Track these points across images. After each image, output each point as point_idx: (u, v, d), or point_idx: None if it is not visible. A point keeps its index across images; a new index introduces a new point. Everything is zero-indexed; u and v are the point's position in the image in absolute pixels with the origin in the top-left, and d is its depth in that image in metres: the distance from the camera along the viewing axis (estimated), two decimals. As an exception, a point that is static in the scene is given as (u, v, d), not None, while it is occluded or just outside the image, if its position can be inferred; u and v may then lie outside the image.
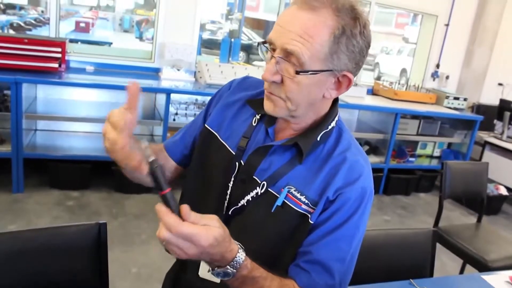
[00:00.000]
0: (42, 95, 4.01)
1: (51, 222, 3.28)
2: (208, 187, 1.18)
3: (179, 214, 0.84)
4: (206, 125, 1.22)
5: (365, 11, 1.00)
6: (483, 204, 2.94)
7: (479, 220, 3.00)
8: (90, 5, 11.80)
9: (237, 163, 1.13)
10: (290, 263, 1.06)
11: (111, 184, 3.94)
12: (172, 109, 4.02)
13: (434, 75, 5.64)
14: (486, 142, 5.27)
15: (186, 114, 4.21)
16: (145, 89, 4.04)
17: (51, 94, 4.04)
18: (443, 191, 2.72)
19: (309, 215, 1.04)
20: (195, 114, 4.24)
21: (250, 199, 1.09)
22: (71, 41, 4.11)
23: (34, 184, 3.75)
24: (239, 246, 0.94)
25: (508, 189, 4.86)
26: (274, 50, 0.99)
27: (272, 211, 1.06)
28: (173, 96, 3.95)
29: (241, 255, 0.93)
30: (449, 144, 5.53)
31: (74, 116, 3.86)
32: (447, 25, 5.49)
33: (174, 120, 4.06)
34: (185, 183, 1.25)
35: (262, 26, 13.88)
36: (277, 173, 1.08)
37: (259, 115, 1.15)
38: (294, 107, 1.02)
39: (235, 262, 0.92)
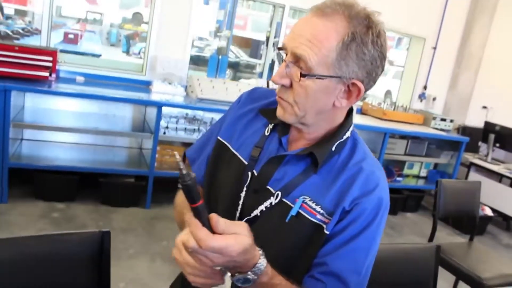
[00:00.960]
0: (30, 104, 3.93)
1: (35, 234, 3.19)
2: (218, 198, 1.16)
3: (208, 224, 0.82)
4: (218, 137, 1.21)
5: (381, 21, 0.99)
6: (476, 223, 2.96)
7: (471, 239, 3.01)
8: (78, 17, 11.75)
9: (249, 173, 1.11)
10: (303, 275, 1.04)
11: (98, 197, 3.86)
12: (162, 123, 3.98)
13: (422, 97, 5.73)
14: (472, 164, 5.34)
15: (176, 128, 4.17)
16: (136, 102, 4.01)
17: (39, 103, 3.97)
18: (437, 209, 2.73)
19: (324, 226, 1.02)
20: (185, 128, 4.21)
21: (264, 209, 1.07)
22: (61, 51, 4.05)
23: (19, 195, 3.65)
24: (261, 252, 0.91)
25: (493, 210, 4.92)
26: (286, 55, 1.00)
27: (287, 221, 1.04)
28: (164, 109, 3.92)
29: (263, 261, 0.90)
30: (435, 165, 5.59)
31: (62, 126, 3.79)
32: (435, 48, 5.61)
33: (164, 133, 4.02)
34: None
35: (249, 44, 13.98)
36: (292, 183, 1.06)
37: (272, 125, 1.14)
38: (302, 113, 1.02)
39: (256, 269, 0.89)
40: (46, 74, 3.57)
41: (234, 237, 0.83)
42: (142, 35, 11.59)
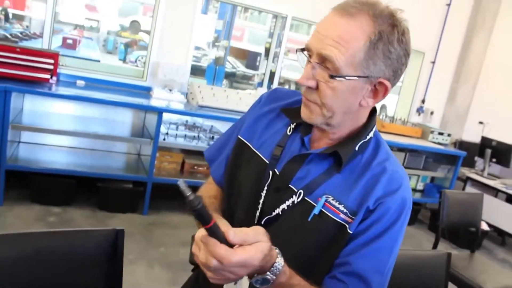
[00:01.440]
0: (29, 107, 3.90)
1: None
2: (238, 197, 1.15)
3: (225, 239, 0.82)
4: (239, 136, 1.21)
5: (405, 19, 0.99)
6: (478, 234, 2.96)
7: (472, 251, 3.01)
8: (75, 23, 11.74)
9: (270, 172, 1.10)
10: (324, 275, 1.02)
11: (95, 202, 3.81)
12: (162, 129, 3.97)
13: (420, 110, 5.77)
14: (468, 178, 5.36)
15: (176, 134, 4.15)
16: (137, 107, 3.99)
17: (38, 106, 3.94)
18: (440, 220, 2.73)
19: (348, 225, 1.01)
20: (185, 135, 4.19)
21: (286, 208, 1.06)
22: (61, 55, 4.04)
23: (15, 198, 3.59)
24: (278, 251, 0.91)
25: (488, 225, 4.92)
26: (310, 56, 0.99)
27: (309, 220, 1.03)
28: (164, 116, 3.90)
29: (280, 261, 0.90)
30: (432, 178, 5.61)
31: (61, 129, 3.75)
32: (433, 62, 5.66)
33: (164, 139, 4.00)
34: None
35: (246, 56, 14.03)
36: (314, 182, 1.05)
37: (294, 124, 1.13)
38: (330, 113, 1.01)
39: (274, 268, 0.89)
40: (47, 76, 3.55)
41: (254, 246, 0.83)
42: (140, 44, 11.60)
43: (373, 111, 1.11)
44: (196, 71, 10.49)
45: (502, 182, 5.13)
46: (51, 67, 3.58)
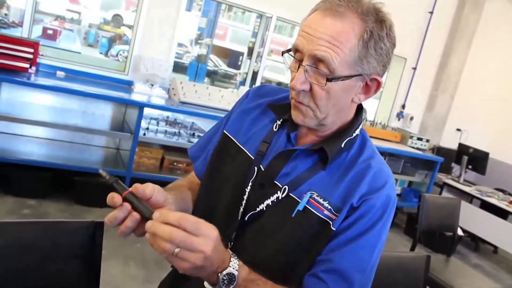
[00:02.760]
0: (6, 96, 3.80)
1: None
2: (220, 192, 1.13)
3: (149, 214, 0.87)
4: (224, 131, 1.19)
5: (389, 12, 0.99)
6: (455, 238, 3.00)
7: (448, 255, 3.05)
8: (56, 14, 11.50)
9: (256, 168, 1.09)
10: (306, 272, 1.01)
11: (71, 195, 3.74)
12: (142, 124, 3.91)
13: (400, 115, 5.83)
14: (445, 184, 5.45)
15: (157, 130, 4.10)
16: (118, 100, 3.93)
17: (16, 95, 3.84)
18: (419, 223, 2.75)
19: (331, 222, 1.00)
20: (166, 131, 4.15)
21: (270, 203, 1.05)
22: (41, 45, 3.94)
23: (-13, 189, 3.50)
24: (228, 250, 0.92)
25: (463, 230, 5.00)
26: (300, 58, 0.98)
27: (293, 215, 1.02)
28: (144, 111, 3.84)
29: (234, 255, 0.91)
30: (410, 183, 5.67)
31: (39, 120, 3.67)
32: (415, 68, 5.73)
33: (144, 134, 3.95)
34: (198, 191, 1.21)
35: (228, 55, 13.99)
36: (300, 178, 1.04)
37: (281, 120, 1.12)
38: (323, 115, 1.01)
39: (233, 262, 0.89)
40: (27, 65, 3.47)
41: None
42: (124, 39, 11.45)
43: (360, 108, 1.11)
44: (178, 68, 10.40)
45: (477, 188, 5.22)
46: (31, 56, 3.51)
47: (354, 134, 1.08)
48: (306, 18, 0.99)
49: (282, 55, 1.04)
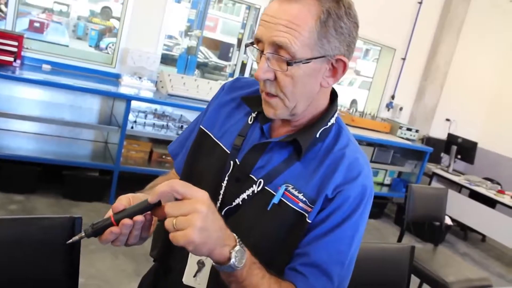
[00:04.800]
0: (-10, 91, 3.76)
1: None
2: (198, 187, 1.12)
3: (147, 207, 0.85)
4: (200, 126, 1.18)
5: None
6: (442, 227, 3.02)
7: (436, 245, 3.07)
8: (44, 7, 11.38)
9: (231, 162, 1.08)
10: (284, 266, 1.00)
11: (59, 190, 3.72)
12: (130, 117, 3.89)
13: (389, 106, 5.84)
14: (434, 173, 5.48)
15: (145, 123, 4.08)
16: (105, 93, 3.90)
17: (0, 89, 3.80)
18: (406, 213, 2.77)
19: (307, 214, 0.99)
20: (154, 124, 4.12)
21: (246, 197, 1.03)
22: (26, 38, 3.89)
23: (-26, 184, 3.47)
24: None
25: (452, 219, 5.04)
26: (262, 48, 0.97)
27: (268, 209, 1.01)
28: (132, 104, 3.82)
29: (239, 240, 0.88)
30: (399, 173, 5.70)
31: (25, 114, 3.63)
32: (404, 59, 5.73)
33: (132, 128, 3.92)
34: None
35: (218, 47, 13.94)
36: (275, 170, 1.03)
37: (255, 113, 1.11)
38: (293, 103, 0.99)
39: (239, 241, 0.87)
40: (11, 59, 3.43)
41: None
42: (114, 31, 11.36)
43: (334, 97, 1.10)
44: (168, 60, 10.35)
45: (466, 178, 5.26)
46: (15, 49, 3.46)
47: (329, 123, 1.06)
48: (266, 8, 0.98)
49: (245, 48, 1.03)
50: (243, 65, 5.51)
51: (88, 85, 3.74)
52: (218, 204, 1.06)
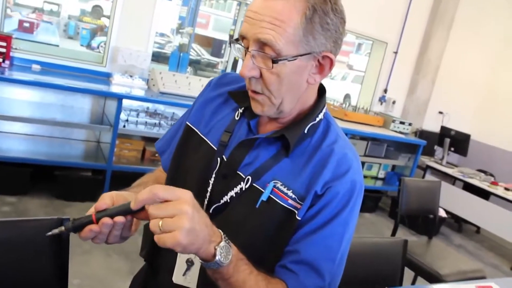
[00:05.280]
0: (-20, 92, 3.72)
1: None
2: (183, 185, 1.10)
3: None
4: (187, 122, 1.17)
5: None
6: (435, 220, 3.03)
7: (430, 237, 3.08)
8: (34, 7, 11.30)
9: (218, 159, 1.06)
10: (275, 264, 1.00)
11: (52, 191, 3.70)
12: (122, 116, 3.86)
13: (382, 99, 5.84)
14: (428, 166, 5.50)
15: (137, 121, 4.06)
16: (96, 93, 3.88)
17: (-10, 91, 3.77)
18: (399, 207, 2.77)
19: (296, 211, 0.98)
20: (146, 122, 4.11)
21: (234, 195, 1.02)
22: (15, 38, 3.85)
23: (-35, 187, 3.44)
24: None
25: (446, 211, 5.06)
26: (247, 45, 0.95)
27: (257, 206, 1.00)
28: (124, 102, 3.80)
29: (225, 236, 0.87)
30: (393, 167, 5.71)
31: (16, 115, 3.60)
32: (396, 52, 5.73)
33: (124, 126, 3.90)
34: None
35: (211, 43, 13.90)
36: (263, 167, 1.02)
37: (242, 109, 1.10)
38: (278, 100, 0.97)
39: (224, 236, 0.86)
40: (-1, 60, 3.39)
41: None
42: (105, 30, 11.30)
43: (323, 92, 1.09)
44: (160, 58, 10.31)
45: (460, 170, 5.28)
46: (3, 50, 3.43)
47: (318, 119, 1.05)
48: (250, 4, 0.96)
49: (230, 45, 1.01)
50: (235, 62, 5.49)
51: (78, 84, 3.71)
52: (206, 202, 1.05)
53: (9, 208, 3.36)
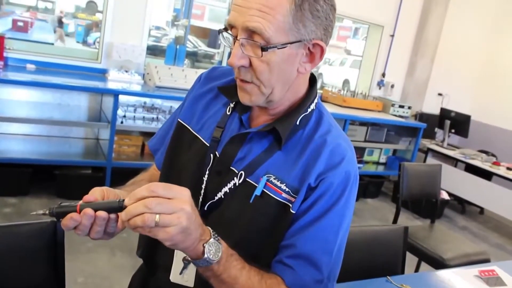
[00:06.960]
0: (-25, 94, 3.71)
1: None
2: (179, 182, 1.09)
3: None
4: (178, 119, 1.15)
5: None
6: (437, 205, 3.01)
7: (432, 221, 3.07)
8: (28, 5, 11.21)
9: (211, 155, 1.05)
10: (270, 260, 0.98)
11: (53, 190, 3.70)
12: (119, 112, 3.85)
13: (380, 84, 5.80)
14: (429, 149, 5.47)
15: (134, 117, 4.04)
16: (92, 90, 3.86)
17: (-14, 93, 3.75)
18: (400, 192, 2.76)
19: (290, 205, 0.97)
20: (143, 117, 4.09)
21: (228, 191, 1.01)
22: (9, 39, 3.82)
23: (-34, 190, 3.44)
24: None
25: (449, 194, 5.05)
26: (235, 34, 0.93)
27: (251, 201, 0.98)
28: (121, 98, 3.78)
29: (214, 233, 0.87)
30: (394, 151, 5.69)
31: (13, 116, 3.59)
32: (392, 35, 5.68)
33: (122, 123, 3.88)
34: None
35: (207, 35, 13.81)
36: (255, 161, 1.00)
37: (233, 103, 1.08)
38: (268, 90, 0.95)
39: (214, 233, 0.86)
40: (-7, 61, 3.36)
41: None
42: (100, 26, 11.25)
43: (313, 82, 1.06)
44: (157, 51, 10.24)
45: (461, 152, 5.25)
46: (-4, 51, 3.40)
47: (310, 110, 1.04)
48: None
49: (219, 34, 0.99)
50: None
51: (74, 82, 3.69)
52: (201, 199, 1.04)
53: (10, 210, 3.36)
